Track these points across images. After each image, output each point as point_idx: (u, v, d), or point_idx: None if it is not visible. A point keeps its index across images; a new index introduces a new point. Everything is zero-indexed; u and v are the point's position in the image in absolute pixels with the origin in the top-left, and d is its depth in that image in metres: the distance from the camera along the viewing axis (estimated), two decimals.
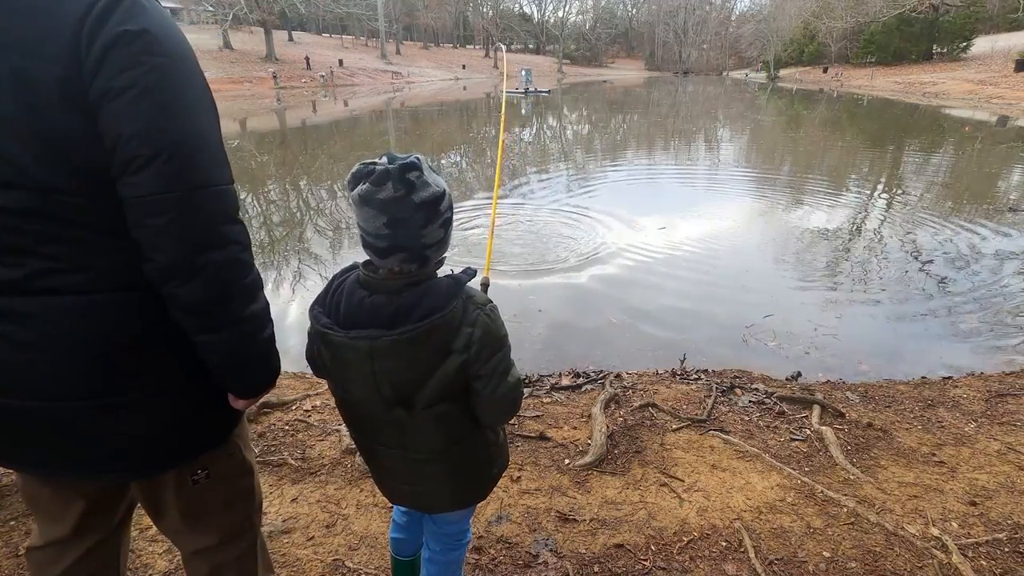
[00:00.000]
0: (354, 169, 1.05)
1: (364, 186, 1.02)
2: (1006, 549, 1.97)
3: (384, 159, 1.04)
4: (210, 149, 0.92)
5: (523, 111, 27.60)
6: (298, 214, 8.55)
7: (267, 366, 1.09)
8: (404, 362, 1.07)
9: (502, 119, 2.40)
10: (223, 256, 0.93)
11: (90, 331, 0.92)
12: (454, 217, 1.15)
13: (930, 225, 7.42)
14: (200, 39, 41.63)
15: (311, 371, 1.25)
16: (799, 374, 3.66)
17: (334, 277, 1.17)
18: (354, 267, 1.15)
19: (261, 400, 2.85)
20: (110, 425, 0.97)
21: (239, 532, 1.27)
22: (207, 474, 1.15)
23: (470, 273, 1.13)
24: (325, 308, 1.13)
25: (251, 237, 1.03)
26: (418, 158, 1.05)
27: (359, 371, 1.10)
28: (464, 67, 65.37)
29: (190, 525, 1.19)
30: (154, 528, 1.59)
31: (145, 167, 0.85)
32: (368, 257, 1.12)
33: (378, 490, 1.41)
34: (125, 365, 0.95)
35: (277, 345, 1.11)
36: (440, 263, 1.15)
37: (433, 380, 1.09)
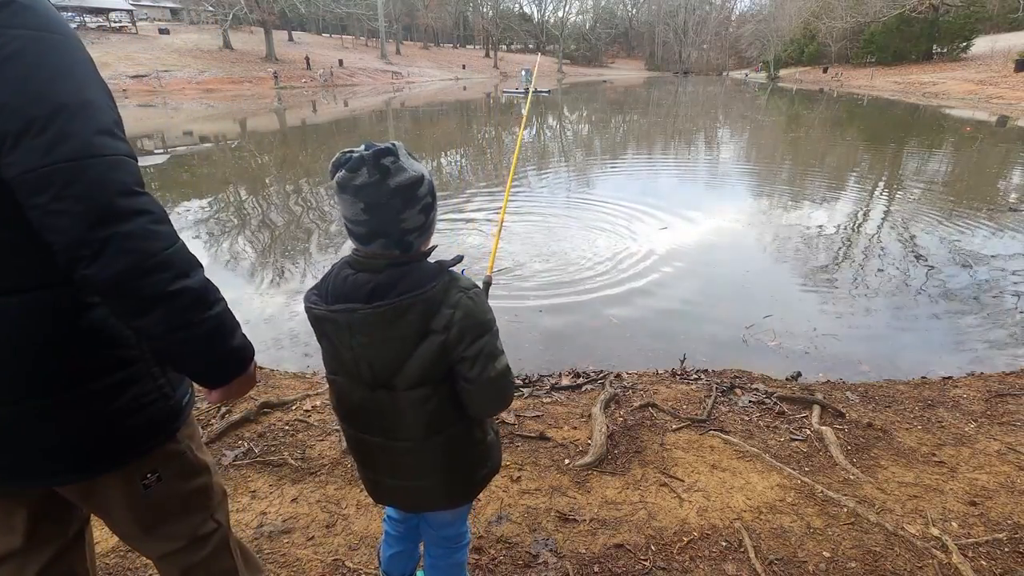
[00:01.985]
0: (334, 157, 1.06)
1: (341, 173, 1.04)
2: (1006, 549, 1.97)
3: (362, 146, 1.05)
4: (92, 118, 0.84)
5: (523, 111, 27.60)
6: (298, 211, 8.55)
7: (222, 347, 0.99)
8: (379, 338, 1.09)
9: (519, 136, 2.39)
10: (128, 228, 0.84)
11: (9, 334, 0.88)
12: (437, 203, 1.15)
13: (930, 225, 7.42)
14: (200, 39, 41.73)
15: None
16: (799, 374, 3.66)
17: (333, 265, 1.19)
18: None
19: (262, 401, 2.87)
20: (36, 429, 0.94)
21: (205, 533, 1.23)
22: (158, 477, 1.10)
23: (457, 259, 1.15)
24: (320, 291, 1.16)
25: (251, 237, 1.02)
26: (394, 144, 1.06)
27: (340, 346, 1.13)
28: (464, 67, 65.39)
29: (147, 531, 1.15)
30: None
31: (18, 142, 0.78)
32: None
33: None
34: (49, 366, 0.92)
35: (276, 345, 1.10)
36: (428, 251, 1.15)
37: (413, 360, 1.10)
